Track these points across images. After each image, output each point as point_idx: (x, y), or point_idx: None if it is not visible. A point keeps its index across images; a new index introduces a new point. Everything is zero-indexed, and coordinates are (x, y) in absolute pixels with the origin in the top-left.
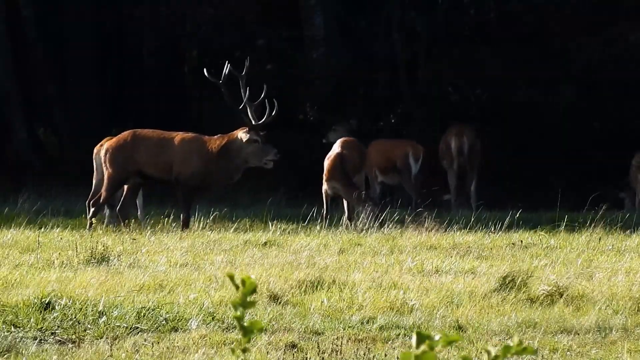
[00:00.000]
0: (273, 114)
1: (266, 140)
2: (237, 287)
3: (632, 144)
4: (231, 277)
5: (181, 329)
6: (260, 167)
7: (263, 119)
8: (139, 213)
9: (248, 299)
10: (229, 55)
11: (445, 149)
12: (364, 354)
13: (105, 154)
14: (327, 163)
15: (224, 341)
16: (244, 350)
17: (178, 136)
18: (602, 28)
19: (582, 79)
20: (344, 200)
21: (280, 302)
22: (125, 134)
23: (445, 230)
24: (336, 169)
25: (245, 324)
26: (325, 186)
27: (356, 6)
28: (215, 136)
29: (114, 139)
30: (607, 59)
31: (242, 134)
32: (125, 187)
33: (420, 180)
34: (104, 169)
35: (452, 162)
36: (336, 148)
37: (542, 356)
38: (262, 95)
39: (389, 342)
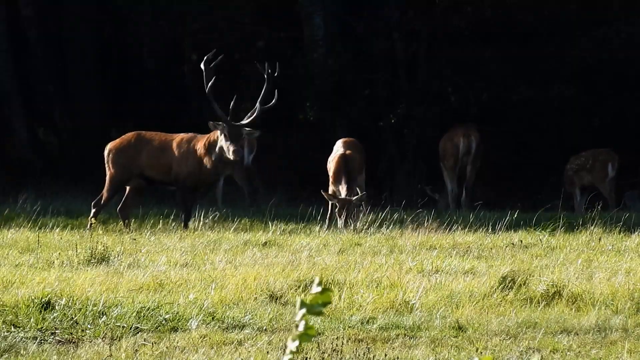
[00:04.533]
0: (250, 115)
1: (233, 136)
2: (324, 290)
3: (632, 142)
4: (320, 281)
5: (181, 329)
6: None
7: (245, 120)
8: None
9: (317, 309)
10: (228, 56)
11: (450, 148)
12: (364, 354)
13: (109, 154)
14: (332, 165)
15: (224, 341)
16: (298, 351)
17: (178, 137)
18: (600, 25)
19: (581, 77)
20: None
21: (280, 302)
22: (129, 135)
23: (445, 230)
24: (341, 170)
25: (302, 327)
26: (332, 187)
27: (356, 6)
28: (205, 135)
29: (117, 140)
30: (605, 56)
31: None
32: (128, 187)
33: (252, 171)
34: (107, 169)
35: (456, 161)
36: (339, 149)
37: (542, 356)
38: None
39: (389, 342)
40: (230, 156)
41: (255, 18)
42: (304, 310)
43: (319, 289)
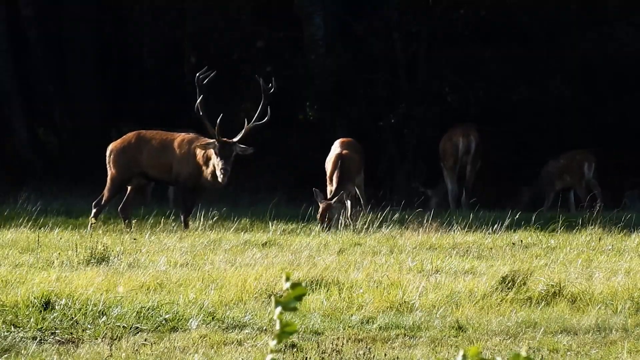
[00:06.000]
0: (242, 133)
1: (224, 154)
2: (292, 287)
3: (632, 142)
4: (287, 277)
5: (181, 329)
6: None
7: (236, 138)
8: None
9: (292, 304)
10: (227, 57)
11: (449, 148)
12: (364, 354)
13: (110, 155)
14: (329, 166)
15: (224, 341)
16: (275, 351)
17: (179, 137)
18: (600, 25)
19: (581, 77)
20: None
21: None
22: (130, 135)
23: (446, 230)
24: (336, 170)
25: (278, 325)
26: (329, 187)
27: (356, 6)
28: (207, 141)
29: (119, 140)
30: (605, 56)
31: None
32: (128, 187)
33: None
34: (108, 169)
35: (455, 161)
36: (336, 149)
37: (542, 356)
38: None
39: (389, 342)
40: (219, 178)
41: (255, 18)
42: (279, 309)
43: (289, 284)
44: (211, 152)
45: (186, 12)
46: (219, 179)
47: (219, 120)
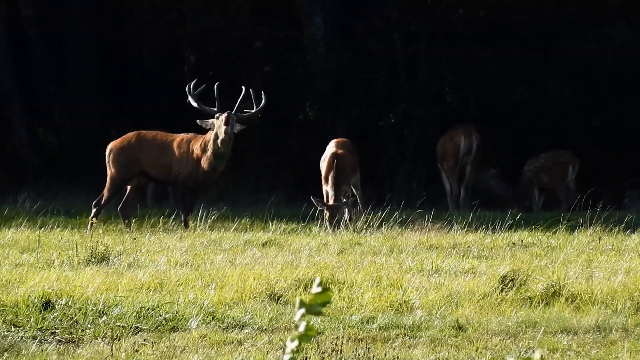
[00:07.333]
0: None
1: (227, 120)
2: (324, 290)
3: (632, 142)
4: (321, 282)
5: (181, 328)
6: (223, 145)
7: (234, 109)
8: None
9: (317, 309)
10: (227, 57)
11: (450, 148)
12: (364, 354)
13: (109, 154)
14: (324, 165)
15: (224, 341)
16: (297, 351)
17: (178, 138)
18: (599, 25)
19: (581, 77)
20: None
21: (280, 302)
22: (130, 135)
23: (445, 230)
24: (330, 170)
25: (303, 328)
26: (325, 188)
27: (356, 6)
28: (202, 136)
29: (119, 140)
30: (605, 56)
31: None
32: (128, 187)
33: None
34: (108, 169)
35: (457, 161)
36: (331, 148)
37: (542, 356)
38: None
39: (389, 342)
40: (221, 134)
41: (255, 18)
42: (303, 311)
43: (319, 289)
44: (208, 137)
45: (186, 12)
46: (219, 140)
47: (216, 87)
